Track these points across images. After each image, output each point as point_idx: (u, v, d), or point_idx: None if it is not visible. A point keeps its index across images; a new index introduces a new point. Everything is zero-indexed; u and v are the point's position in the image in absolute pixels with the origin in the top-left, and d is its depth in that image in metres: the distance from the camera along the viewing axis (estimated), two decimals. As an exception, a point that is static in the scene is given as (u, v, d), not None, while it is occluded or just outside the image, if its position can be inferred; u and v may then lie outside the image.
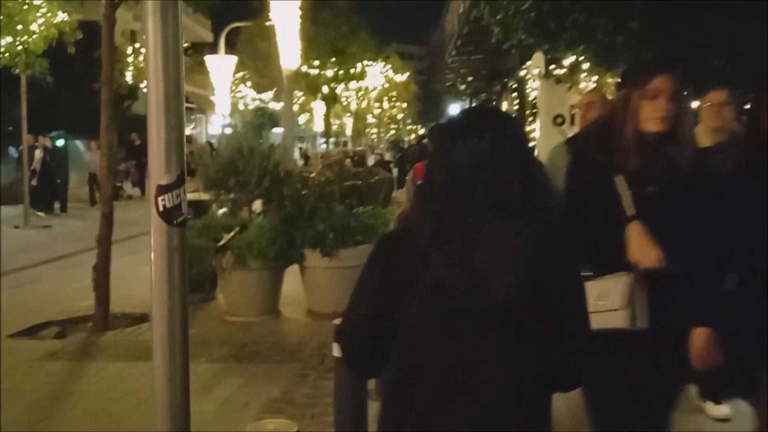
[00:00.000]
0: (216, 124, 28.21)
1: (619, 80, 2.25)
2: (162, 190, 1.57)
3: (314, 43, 18.61)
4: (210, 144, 19.04)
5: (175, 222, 1.62)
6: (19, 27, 11.57)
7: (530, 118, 12.68)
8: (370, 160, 18.26)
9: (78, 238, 10.59)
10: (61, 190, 15.23)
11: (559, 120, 11.57)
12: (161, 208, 1.59)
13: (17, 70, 12.35)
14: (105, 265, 5.80)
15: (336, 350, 2.28)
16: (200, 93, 25.71)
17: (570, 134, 3.56)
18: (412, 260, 1.36)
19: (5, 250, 9.33)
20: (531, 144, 1.95)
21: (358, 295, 1.49)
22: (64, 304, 6.51)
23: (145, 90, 1.60)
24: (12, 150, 18.47)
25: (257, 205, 6.16)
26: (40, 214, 13.68)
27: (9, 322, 5.88)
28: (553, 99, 11.52)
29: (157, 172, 1.56)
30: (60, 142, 25.33)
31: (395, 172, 16.49)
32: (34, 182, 14.21)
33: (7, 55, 12.00)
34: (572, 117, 11.43)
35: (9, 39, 11.68)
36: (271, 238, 5.73)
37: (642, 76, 2.09)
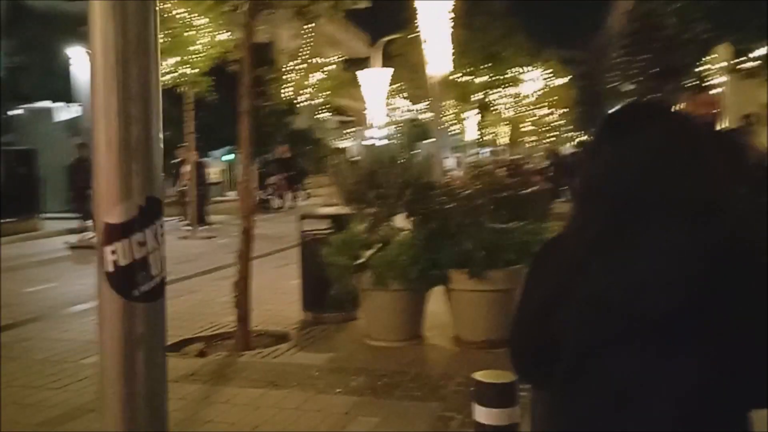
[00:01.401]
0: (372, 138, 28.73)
1: None
2: (112, 234, 0.94)
3: (467, 50, 18.01)
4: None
5: (137, 292, 0.96)
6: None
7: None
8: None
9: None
10: (199, 203, 14.75)
11: (750, 120, 10.01)
12: (111, 267, 0.96)
13: (183, 89, 13.07)
14: (245, 281, 5.62)
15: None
16: (358, 107, 26.22)
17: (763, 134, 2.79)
18: (569, 268, 1.26)
19: (170, 260, 9.70)
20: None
21: (523, 301, 1.41)
22: (215, 317, 6.46)
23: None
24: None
25: (400, 220, 5.69)
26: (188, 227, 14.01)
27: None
28: (742, 96, 10.00)
29: (105, 201, 0.95)
30: (229, 157, 26.99)
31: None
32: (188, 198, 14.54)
33: (175, 74, 12.74)
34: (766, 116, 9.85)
35: (176, 59, 12.38)
36: (413, 257, 5.23)
37: None
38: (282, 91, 20.27)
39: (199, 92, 13.24)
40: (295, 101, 20.47)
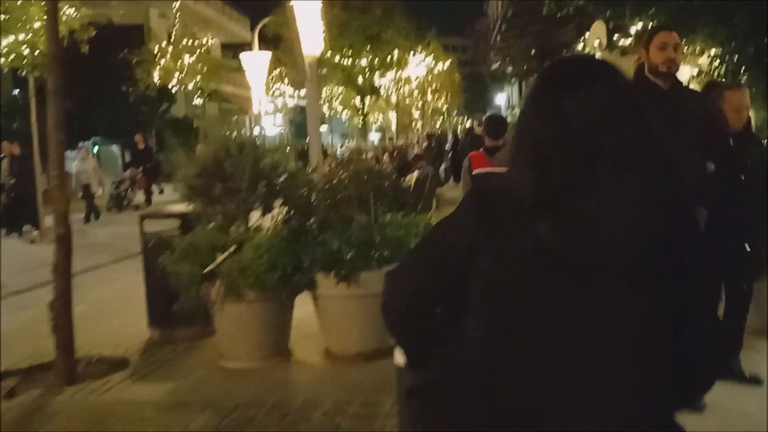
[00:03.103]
0: (267, 126, 27.32)
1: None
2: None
3: (346, 30, 17.24)
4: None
5: None
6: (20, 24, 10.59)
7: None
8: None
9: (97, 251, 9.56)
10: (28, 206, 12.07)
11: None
12: None
13: (24, 72, 11.47)
14: (65, 300, 4.58)
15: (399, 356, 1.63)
16: (242, 94, 24.80)
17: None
18: (511, 223, 1.21)
19: (12, 268, 8.31)
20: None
21: (417, 257, 1.38)
22: (43, 341, 5.31)
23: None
24: None
25: (259, 217, 4.84)
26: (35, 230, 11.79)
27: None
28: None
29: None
30: (94, 149, 24.79)
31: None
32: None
33: (13, 56, 11.13)
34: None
35: (12, 38, 10.79)
36: (270, 261, 4.39)
37: None
38: (152, 75, 18.69)
39: (42, 76, 11.62)
40: (167, 86, 18.93)
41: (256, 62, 17.84)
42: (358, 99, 22.62)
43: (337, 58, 18.20)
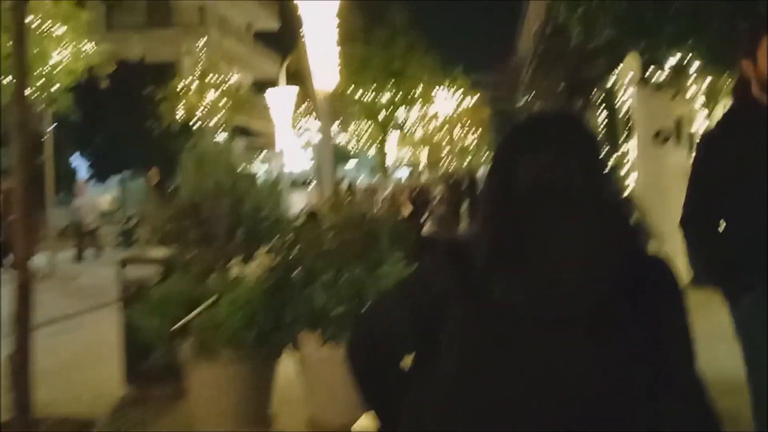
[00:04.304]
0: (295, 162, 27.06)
1: None
2: None
3: (368, 65, 16.93)
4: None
5: None
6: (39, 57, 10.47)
7: (624, 136, 10.38)
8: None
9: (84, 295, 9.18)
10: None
11: (662, 136, 9.25)
12: None
13: (41, 107, 11.36)
14: (24, 354, 4.13)
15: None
16: (271, 131, 24.65)
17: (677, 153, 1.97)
18: (477, 275, 1.24)
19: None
20: (625, 167, 1.26)
21: (389, 300, 1.42)
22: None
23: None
24: None
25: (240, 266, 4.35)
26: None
27: None
28: (653, 110, 9.25)
29: None
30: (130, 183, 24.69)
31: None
32: None
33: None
34: (678, 132, 9.12)
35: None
36: (246, 317, 3.88)
37: None
38: (176, 110, 18.63)
39: (58, 111, 11.50)
40: (190, 121, 18.85)
41: (280, 98, 17.71)
42: (386, 135, 22.28)
43: (359, 94, 17.89)
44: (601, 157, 1.29)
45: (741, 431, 2.59)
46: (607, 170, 1.28)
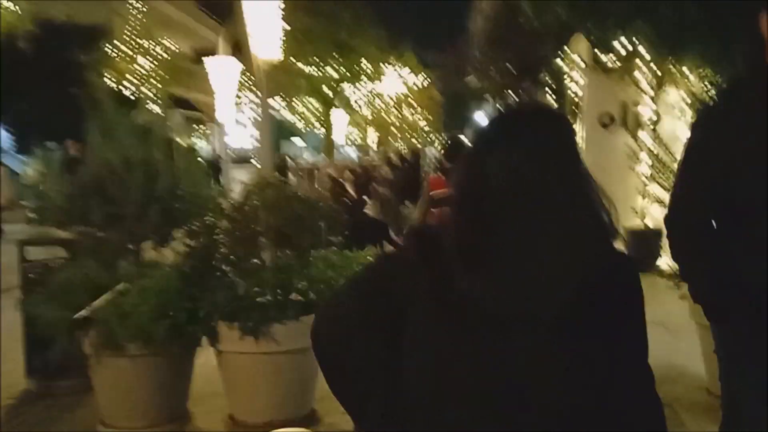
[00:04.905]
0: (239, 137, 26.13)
1: None
2: None
3: (311, 37, 16.32)
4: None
5: None
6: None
7: (571, 119, 10.28)
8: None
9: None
10: None
11: (606, 120, 9.15)
12: None
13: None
14: None
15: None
16: (213, 102, 23.71)
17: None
18: (442, 271, 1.22)
19: None
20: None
21: (353, 289, 1.40)
22: None
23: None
24: None
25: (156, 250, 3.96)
26: None
27: None
28: (599, 94, 9.13)
29: None
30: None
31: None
32: None
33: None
34: (624, 116, 9.03)
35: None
36: (157, 307, 3.50)
37: None
38: (105, 78, 17.59)
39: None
40: (120, 90, 17.83)
41: (221, 68, 16.97)
42: (336, 113, 21.71)
43: (300, 67, 17.25)
44: (577, 154, 1.27)
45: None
46: (582, 168, 1.25)
